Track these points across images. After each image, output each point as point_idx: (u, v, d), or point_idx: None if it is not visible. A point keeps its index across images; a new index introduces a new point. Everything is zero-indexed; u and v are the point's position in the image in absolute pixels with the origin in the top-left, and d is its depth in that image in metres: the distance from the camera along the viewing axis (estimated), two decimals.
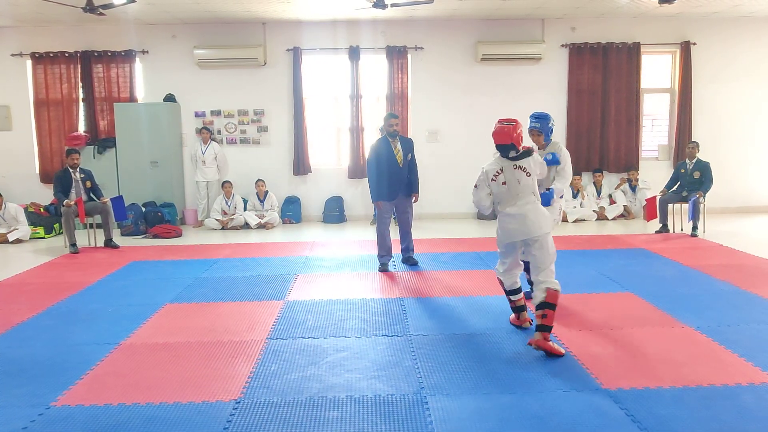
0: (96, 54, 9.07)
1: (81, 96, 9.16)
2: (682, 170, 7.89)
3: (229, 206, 8.86)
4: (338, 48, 9.12)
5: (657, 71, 9.58)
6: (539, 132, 4.59)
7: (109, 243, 7.38)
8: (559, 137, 8.73)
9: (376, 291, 5.21)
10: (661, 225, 7.79)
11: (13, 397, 3.24)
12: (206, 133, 8.95)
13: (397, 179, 5.77)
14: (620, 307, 4.63)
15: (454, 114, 9.28)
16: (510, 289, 4.11)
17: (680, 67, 9.26)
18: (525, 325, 4.16)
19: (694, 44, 9.16)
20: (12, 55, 9.07)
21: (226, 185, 8.86)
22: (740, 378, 3.30)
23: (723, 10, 8.59)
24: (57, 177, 7.39)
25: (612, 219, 8.96)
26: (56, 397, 3.21)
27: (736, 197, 9.43)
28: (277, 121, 9.29)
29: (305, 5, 7.93)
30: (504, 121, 3.86)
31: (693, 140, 8.63)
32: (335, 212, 9.22)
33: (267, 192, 9.03)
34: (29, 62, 9.13)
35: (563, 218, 5.66)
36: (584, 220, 8.84)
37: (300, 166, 9.25)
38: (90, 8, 6.57)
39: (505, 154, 3.85)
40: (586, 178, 9.32)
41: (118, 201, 7.60)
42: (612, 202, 9.15)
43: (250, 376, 3.45)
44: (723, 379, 3.29)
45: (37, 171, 9.31)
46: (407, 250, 6.16)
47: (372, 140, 8.81)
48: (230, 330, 4.25)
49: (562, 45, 9.18)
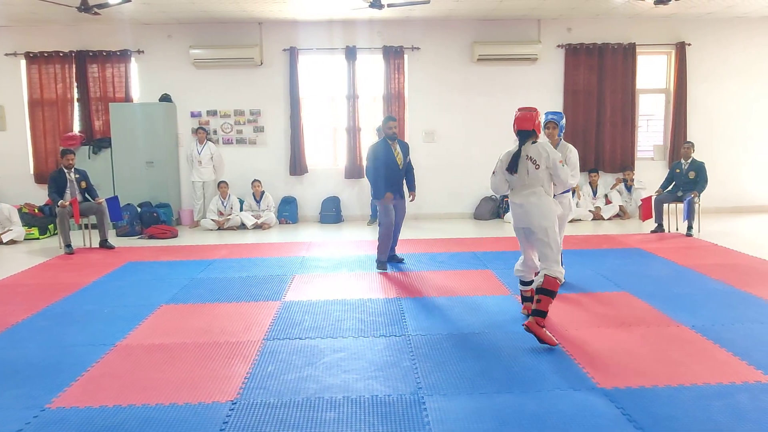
0: (91, 54, 9.04)
1: (76, 96, 9.12)
2: (677, 170, 7.92)
3: (225, 207, 8.84)
4: (335, 48, 9.12)
5: (652, 72, 9.61)
6: (555, 125, 4.78)
7: (105, 244, 7.36)
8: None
9: (374, 291, 5.21)
10: (657, 225, 7.82)
11: (8, 399, 3.22)
12: (202, 133, 8.93)
13: (396, 181, 5.88)
14: (616, 307, 4.64)
15: (451, 114, 9.28)
16: (523, 281, 4.28)
17: (675, 68, 9.29)
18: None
19: (689, 45, 9.20)
20: (6, 55, 9.02)
21: (222, 185, 8.84)
22: (735, 377, 3.32)
23: (717, 11, 8.63)
24: (52, 177, 7.35)
25: (608, 219, 8.99)
26: (51, 399, 3.20)
27: (730, 197, 9.47)
28: (274, 122, 9.28)
29: (301, 5, 7.92)
30: (524, 109, 3.92)
31: (688, 140, 8.68)
32: (332, 212, 9.22)
33: (263, 192, 9.01)
34: (23, 62, 9.09)
35: None
36: (580, 220, 8.86)
37: (296, 167, 9.24)
38: (85, 8, 6.53)
39: (524, 141, 3.89)
40: (582, 178, 9.34)
41: (114, 201, 7.57)
42: (608, 202, 9.19)
43: (247, 377, 3.45)
44: (718, 378, 3.31)
45: (32, 171, 9.27)
46: (392, 249, 6.23)
47: (369, 141, 9.02)
48: (227, 331, 4.24)
49: (558, 45, 9.20)
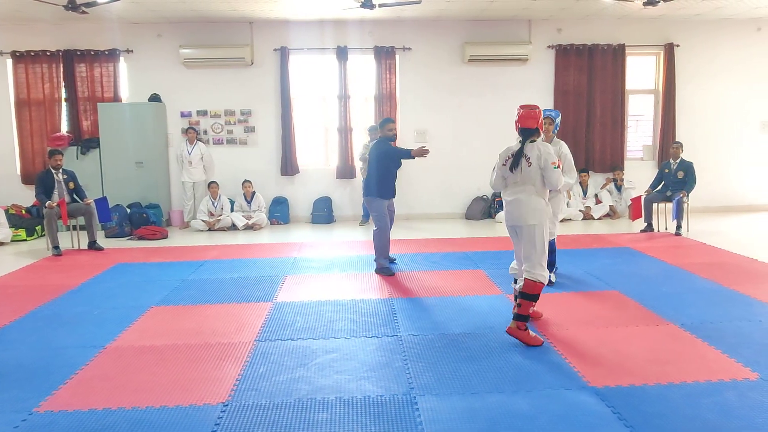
0: (79, 53, 8.95)
1: (63, 96, 9.04)
2: (666, 170, 7.99)
3: (216, 207, 8.80)
4: (326, 48, 9.10)
5: (641, 72, 9.69)
6: (552, 121, 4.94)
7: (93, 245, 7.29)
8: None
9: (366, 292, 5.21)
10: (646, 224, 7.88)
11: None
12: (192, 134, 8.88)
13: (393, 179, 5.94)
14: (606, 306, 4.67)
15: (442, 114, 9.30)
16: (517, 279, 4.24)
17: (664, 69, 9.37)
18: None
19: (678, 46, 9.28)
20: None
21: (213, 186, 8.79)
22: (723, 374, 3.35)
23: (705, 12, 8.71)
24: (39, 178, 7.27)
25: (598, 218, 9.05)
26: (39, 403, 3.16)
27: (718, 197, 9.57)
28: (265, 122, 9.24)
29: (292, 5, 7.90)
30: (527, 107, 3.90)
31: (677, 140, 8.76)
32: (324, 213, 9.20)
33: (254, 193, 8.98)
34: (9, 61, 8.98)
35: None
36: (570, 220, 8.91)
37: (288, 167, 9.21)
38: (72, 6, 6.47)
39: (527, 139, 3.85)
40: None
41: (102, 202, 7.50)
42: (598, 202, 9.24)
43: (238, 379, 3.43)
44: (706, 376, 3.34)
45: (19, 172, 9.16)
46: None
47: (360, 141, 9.01)
48: (218, 332, 4.22)
49: (549, 46, 9.25)
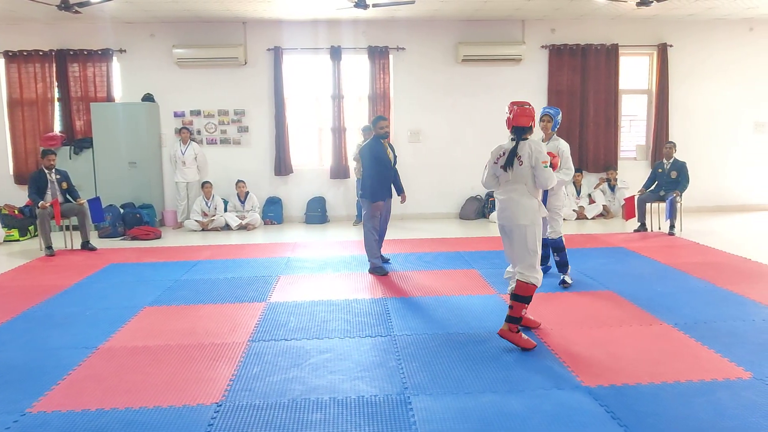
0: (72, 53, 8.90)
1: (56, 95, 8.99)
2: (660, 170, 8.02)
3: (209, 207, 8.77)
4: (319, 48, 9.09)
5: (634, 72, 9.73)
6: (551, 119, 4.97)
7: (86, 245, 7.25)
8: (539, 137, 8.80)
9: (360, 292, 5.20)
10: (640, 224, 7.92)
11: None
12: (186, 134, 8.85)
13: (388, 179, 5.89)
14: (600, 306, 4.69)
15: (436, 114, 9.30)
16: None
17: (657, 69, 9.41)
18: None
19: (671, 46, 9.33)
20: None
21: (206, 186, 8.76)
22: (716, 374, 3.37)
23: (698, 12, 8.75)
24: (32, 178, 7.23)
25: (591, 218, 9.08)
26: (32, 403, 3.15)
27: (712, 196, 9.62)
28: (258, 121, 9.22)
29: (286, 5, 7.88)
30: (519, 104, 3.81)
31: (670, 140, 8.80)
32: (317, 213, 9.19)
33: (248, 193, 8.95)
34: (2, 61, 8.92)
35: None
36: (564, 220, 8.88)
37: (281, 167, 9.20)
38: (65, 6, 6.43)
39: (519, 137, 3.78)
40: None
41: (95, 202, 7.47)
42: (591, 202, 9.27)
43: (232, 379, 3.42)
44: (700, 375, 3.35)
45: (11, 172, 9.11)
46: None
47: (354, 141, 9.00)
48: (211, 332, 4.20)
49: (542, 46, 9.27)
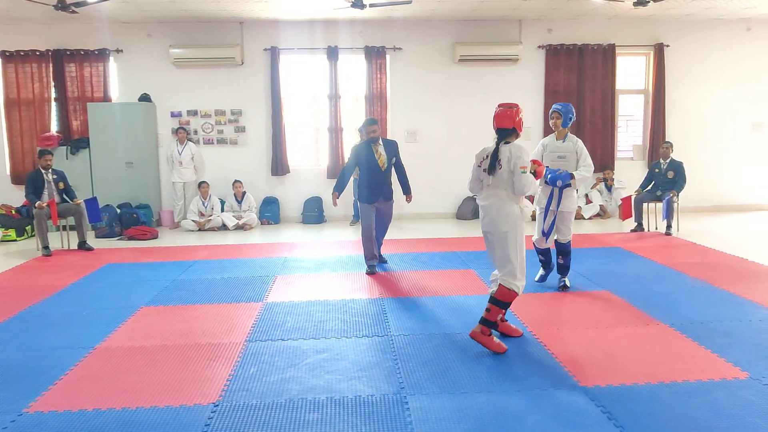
0: (68, 53, 8.88)
1: (53, 96, 8.97)
2: (657, 170, 8.04)
3: (206, 207, 8.76)
4: (316, 48, 9.08)
5: (631, 72, 9.75)
6: (560, 115, 4.89)
7: (83, 245, 7.24)
8: (537, 137, 8.82)
9: (356, 292, 5.20)
10: (636, 224, 7.93)
11: None
12: (183, 134, 8.84)
13: (377, 183, 5.75)
14: (597, 306, 4.69)
15: (433, 114, 9.31)
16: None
17: (654, 69, 9.43)
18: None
19: (668, 46, 9.35)
20: None
21: (203, 186, 8.75)
22: (713, 374, 3.37)
23: (695, 13, 8.78)
24: (29, 178, 7.21)
25: (588, 218, 9.09)
26: (29, 404, 3.14)
27: (709, 196, 9.64)
28: (255, 121, 9.22)
29: (283, 5, 7.88)
30: (504, 105, 3.76)
31: (667, 140, 8.82)
32: (314, 213, 9.18)
33: (245, 193, 8.95)
34: None
35: (533, 216, 5.65)
36: None
37: (278, 167, 9.19)
38: (62, 6, 6.42)
39: (503, 139, 3.71)
40: None
41: (92, 202, 7.45)
42: (588, 202, 9.29)
43: (229, 379, 3.42)
44: (696, 375, 3.36)
45: (8, 172, 9.08)
46: (377, 249, 6.19)
47: (351, 141, 9.00)
48: (208, 332, 4.20)
49: (539, 46, 9.28)
